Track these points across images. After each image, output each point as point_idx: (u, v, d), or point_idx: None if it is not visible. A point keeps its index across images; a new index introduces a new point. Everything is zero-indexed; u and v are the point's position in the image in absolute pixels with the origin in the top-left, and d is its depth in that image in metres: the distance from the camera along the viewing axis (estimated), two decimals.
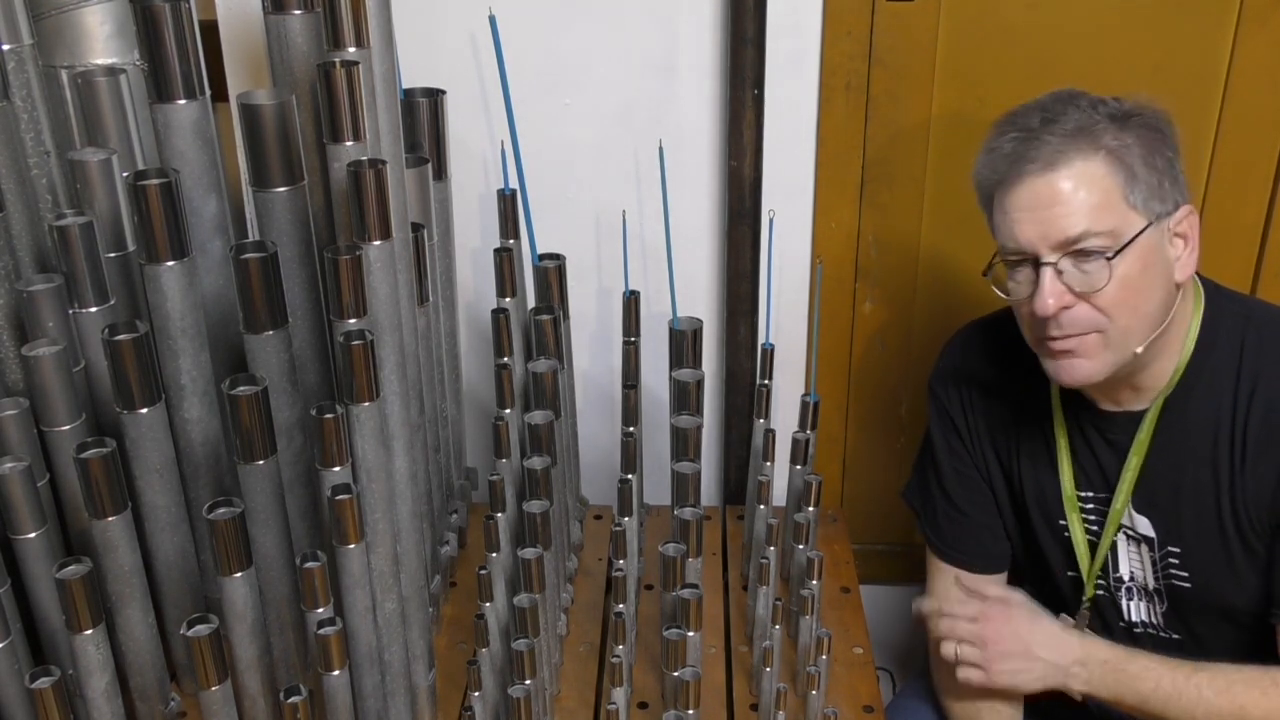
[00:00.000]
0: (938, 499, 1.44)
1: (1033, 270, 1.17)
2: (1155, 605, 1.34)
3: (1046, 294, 1.15)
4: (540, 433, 1.28)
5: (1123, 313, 1.16)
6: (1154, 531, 1.30)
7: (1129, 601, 1.35)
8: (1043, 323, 1.18)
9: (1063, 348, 1.19)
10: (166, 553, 1.23)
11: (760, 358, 1.56)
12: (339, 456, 1.09)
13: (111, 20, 1.29)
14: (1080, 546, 1.35)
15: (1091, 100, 1.18)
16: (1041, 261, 1.16)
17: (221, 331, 1.23)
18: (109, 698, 1.14)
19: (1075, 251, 1.14)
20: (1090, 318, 1.17)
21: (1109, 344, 1.18)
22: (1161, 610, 1.34)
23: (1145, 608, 1.35)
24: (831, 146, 1.60)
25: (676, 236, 1.57)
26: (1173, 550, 1.29)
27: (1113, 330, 1.17)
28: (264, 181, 1.15)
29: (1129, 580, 1.34)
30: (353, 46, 1.13)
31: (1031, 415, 1.36)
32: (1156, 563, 1.31)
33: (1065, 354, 1.19)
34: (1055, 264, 1.15)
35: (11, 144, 1.21)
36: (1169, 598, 1.32)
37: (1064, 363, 1.20)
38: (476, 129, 1.59)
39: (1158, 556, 1.30)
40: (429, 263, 1.36)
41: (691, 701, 1.17)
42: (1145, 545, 1.31)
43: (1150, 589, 1.33)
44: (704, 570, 1.34)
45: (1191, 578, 1.29)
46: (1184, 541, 1.28)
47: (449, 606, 1.49)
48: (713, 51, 1.55)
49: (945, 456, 1.43)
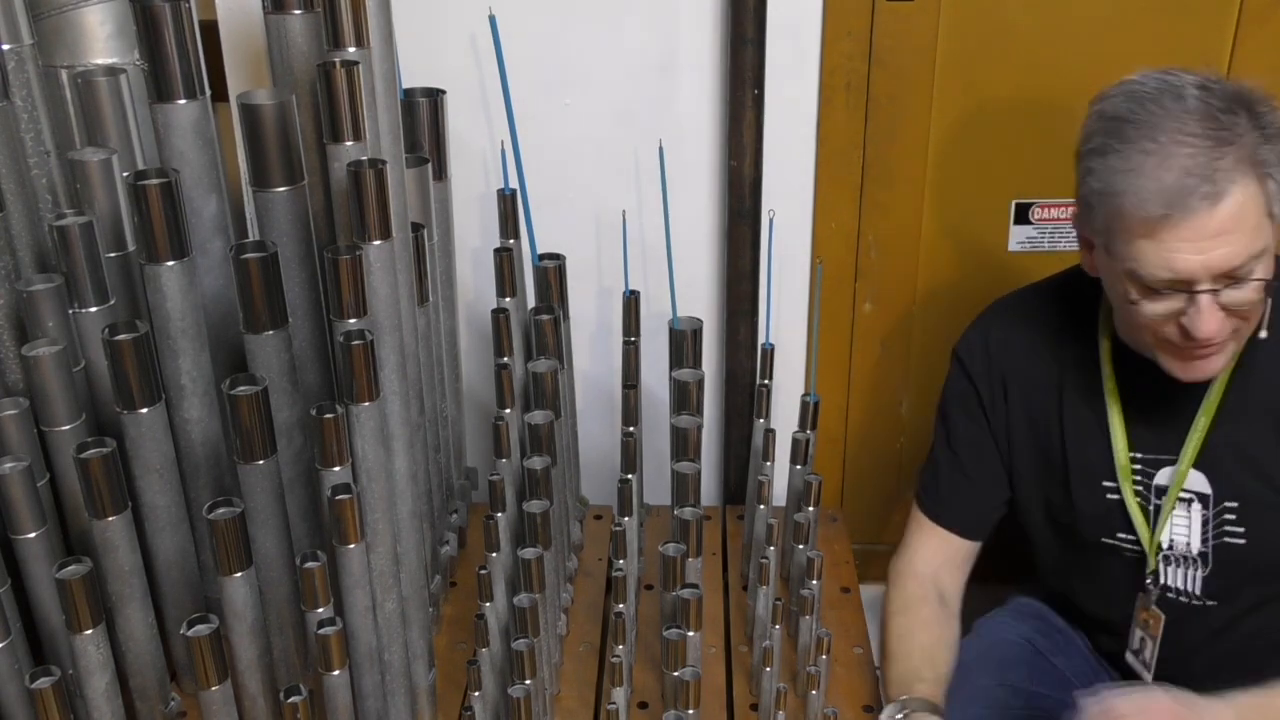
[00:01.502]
0: (942, 458, 1.43)
1: (1184, 295, 1.13)
2: (1196, 570, 1.30)
3: (1209, 320, 1.12)
4: (540, 433, 1.28)
5: (1255, 312, 1.17)
6: (1210, 487, 1.28)
7: (1165, 567, 1.32)
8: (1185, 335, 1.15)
9: (1201, 354, 1.17)
10: (166, 553, 1.23)
11: (760, 358, 1.56)
12: (339, 456, 1.09)
13: (111, 20, 1.29)
14: (1136, 515, 1.32)
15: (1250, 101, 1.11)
16: (1198, 290, 1.12)
17: (221, 331, 1.23)
18: (109, 698, 1.14)
19: (1236, 277, 1.12)
20: (1232, 326, 1.16)
21: (1239, 339, 1.19)
22: (1203, 574, 1.30)
23: (1183, 574, 1.31)
24: (831, 146, 1.60)
25: (676, 236, 1.57)
26: (1229, 506, 1.27)
27: (1246, 328, 1.18)
28: (264, 181, 1.15)
29: (1167, 547, 1.31)
30: (353, 46, 1.13)
31: (1077, 386, 1.33)
32: (1209, 521, 1.28)
33: (1199, 358, 1.18)
34: (1214, 289, 1.12)
35: (11, 144, 1.21)
36: (1216, 559, 1.29)
37: (1194, 364, 1.18)
38: (476, 129, 1.59)
39: (1211, 514, 1.28)
40: (429, 263, 1.36)
41: (691, 701, 1.17)
42: (1199, 503, 1.28)
43: (1195, 553, 1.30)
44: (704, 570, 1.34)
45: (1247, 533, 1.27)
46: (1243, 495, 1.26)
47: (449, 606, 1.49)
48: (713, 51, 1.55)
49: (960, 419, 1.41)
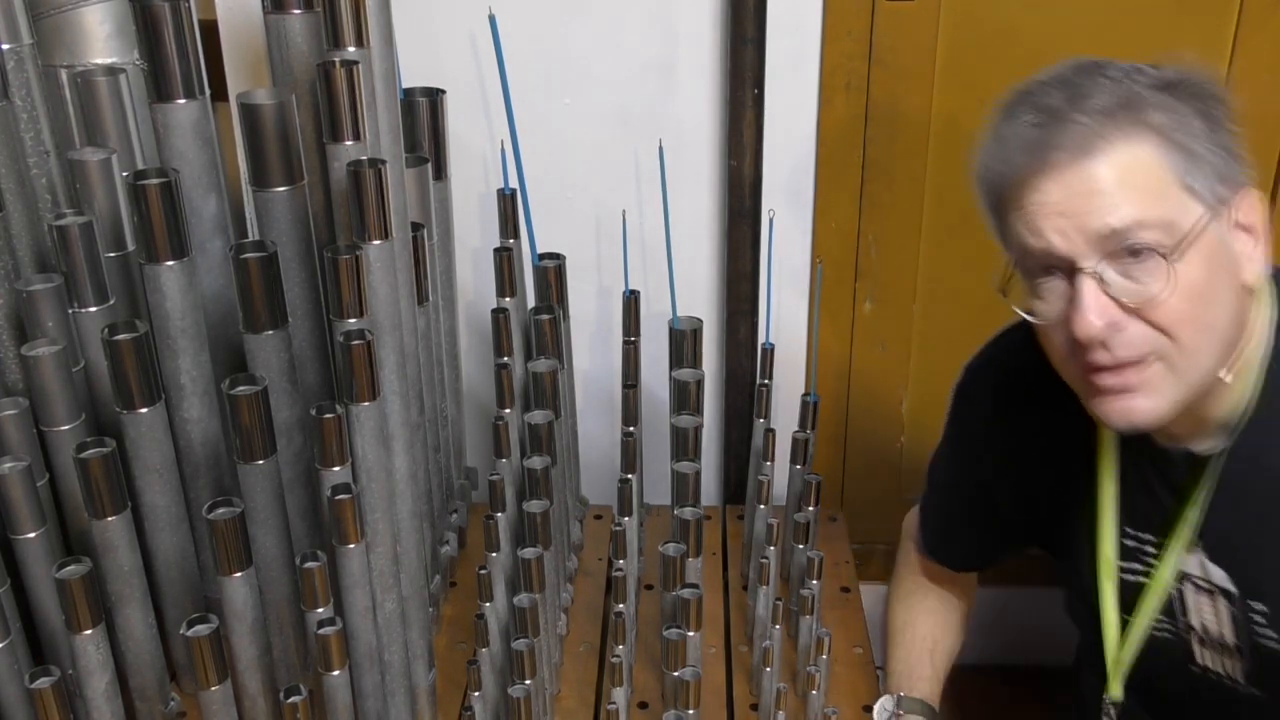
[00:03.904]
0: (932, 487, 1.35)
1: (1067, 282, 0.93)
2: (1235, 661, 1.09)
3: (1088, 310, 0.90)
4: (540, 433, 1.28)
5: (1188, 329, 0.91)
6: (1233, 585, 1.05)
7: (1202, 649, 1.10)
8: (1085, 350, 0.93)
9: (1116, 384, 0.93)
10: (166, 553, 1.23)
11: (760, 358, 1.56)
12: (339, 456, 1.09)
13: (111, 20, 1.29)
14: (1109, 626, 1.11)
15: (1125, 68, 0.93)
16: (1078, 269, 0.91)
17: (221, 331, 1.23)
18: (109, 698, 1.14)
19: (1122, 252, 0.90)
20: (1147, 339, 0.92)
21: (1174, 370, 0.93)
22: (1244, 669, 1.09)
23: (1221, 660, 1.10)
24: (831, 146, 1.60)
25: (676, 236, 1.57)
26: (1255, 607, 1.04)
27: (1177, 353, 0.92)
28: (264, 181, 1.15)
29: (1201, 630, 1.09)
30: (353, 46, 1.13)
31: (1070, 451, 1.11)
32: (1238, 618, 1.06)
33: (1119, 392, 0.94)
34: (1097, 271, 0.91)
35: (11, 144, 1.20)
36: (1254, 657, 1.07)
37: (1117, 403, 0.94)
38: (476, 129, 1.59)
39: (1239, 612, 1.05)
40: (429, 263, 1.36)
41: (691, 701, 1.17)
42: (1223, 598, 1.06)
43: (1231, 644, 1.08)
44: (704, 570, 1.34)
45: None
46: (1269, 599, 1.03)
47: (449, 606, 1.49)
48: (713, 51, 1.55)
49: (950, 452, 1.30)
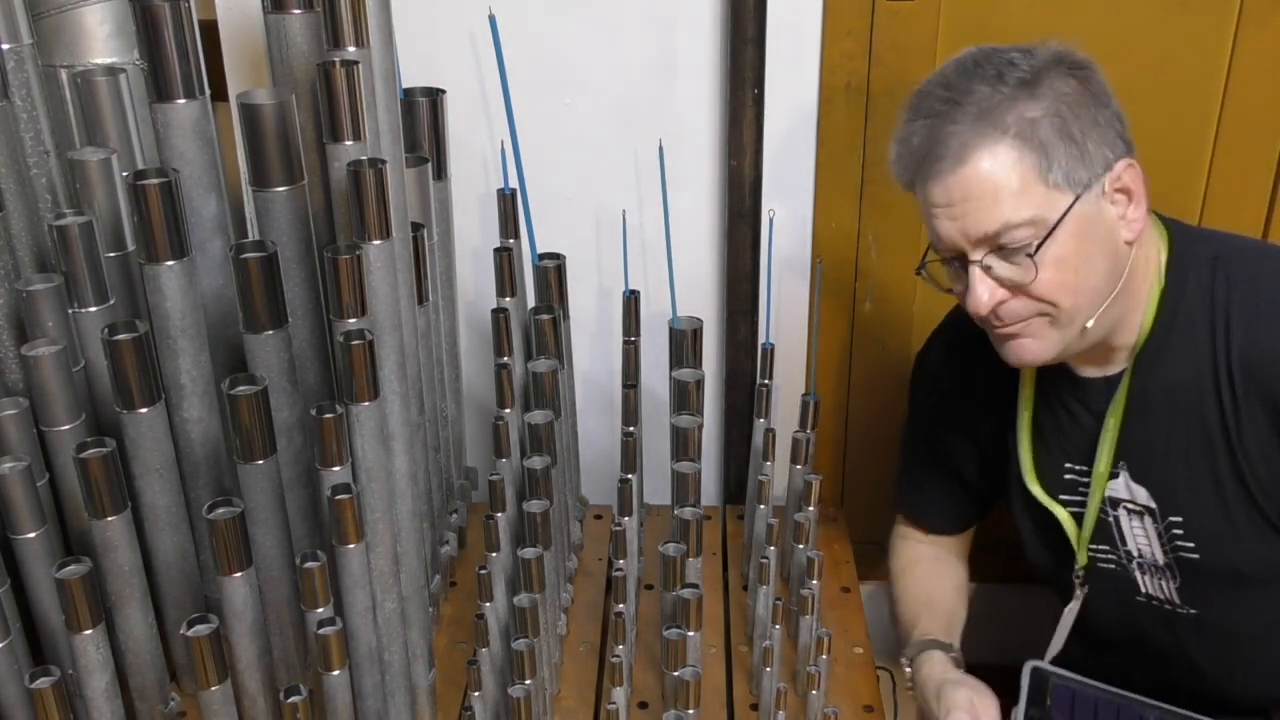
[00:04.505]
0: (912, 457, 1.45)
1: (962, 267, 1.13)
2: (1169, 581, 1.27)
3: (977, 293, 1.11)
4: (540, 432, 1.28)
5: (1063, 295, 1.11)
6: (1154, 502, 1.24)
7: (1142, 576, 1.29)
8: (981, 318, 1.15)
9: (1008, 333, 1.15)
10: (166, 553, 1.23)
11: (760, 358, 1.55)
12: (339, 456, 1.09)
13: (111, 20, 1.29)
14: (1061, 514, 1.30)
15: (999, 64, 1.10)
16: (969, 260, 1.12)
17: (221, 331, 1.23)
18: (109, 698, 1.14)
19: (1000, 247, 1.10)
20: (1029, 307, 1.12)
21: (1057, 323, 1.13)
22: (1176, 586, 1.27)
23: (1159, 584, 1.28)
24: (831, 146, 1.60)
25: (676, 236, 1.57)
26: (1174, 520, 1.23)
27: (1057, 313, 1.13)
28: (264, 181, 1.15)
29: (1138, 555, 1.28)
30: (352, 46, 1.13)
31: (1011, 388, 1.32)
32: (1161, 535, 1.25)
33: (1011, 337, 1.15)
34: (981, 261, 1.11)
35: (11, 144, 1.21)
36: (1181, 572, 1.26)
37: (1011, 345, 1.16)
38: (476, 129, 1.59)
39: (1162, 528, 1.24)
40: (429, 262, 1.36)
41: (691, 701, 1.16)
42: (1149, 517, 1.25)
43: (1161, 564, 1.26)
44: (704, 570, 1.34)
45: (1198, 547, 1.23)
46: (1184, 510, 1.22)
47: (449, 606, 1.49)
48: (713, 51, 1.55)
49: (926, 414, 1.44)
